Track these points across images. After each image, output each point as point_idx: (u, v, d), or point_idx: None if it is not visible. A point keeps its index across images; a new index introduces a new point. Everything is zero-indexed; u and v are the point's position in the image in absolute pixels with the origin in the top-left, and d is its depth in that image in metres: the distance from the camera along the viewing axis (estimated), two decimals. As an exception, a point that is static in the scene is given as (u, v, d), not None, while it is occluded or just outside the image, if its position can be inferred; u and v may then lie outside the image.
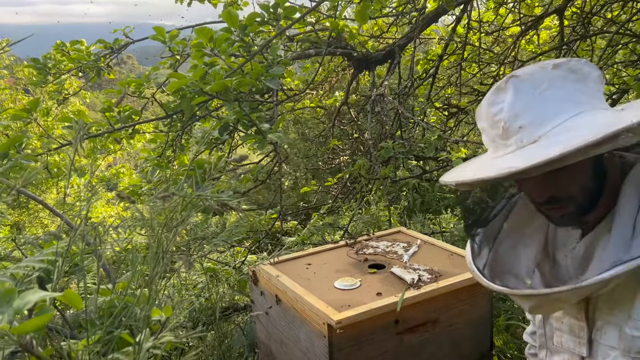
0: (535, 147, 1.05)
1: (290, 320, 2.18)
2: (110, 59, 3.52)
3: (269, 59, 2.66)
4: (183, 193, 1.24)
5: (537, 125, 1.08)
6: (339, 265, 2.44)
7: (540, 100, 1.10)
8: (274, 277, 2.27)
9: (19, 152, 2.39)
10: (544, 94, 1.10)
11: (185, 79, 2.53)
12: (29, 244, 2.26)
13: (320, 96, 5.17)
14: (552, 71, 1.12)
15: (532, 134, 1.08)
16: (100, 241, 1.34)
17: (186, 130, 3.28)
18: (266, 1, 2.83)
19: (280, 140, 2.46)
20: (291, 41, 3.82)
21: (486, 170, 1.10)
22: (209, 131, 2.35)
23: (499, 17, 4.95)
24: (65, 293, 1.18)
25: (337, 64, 5.01)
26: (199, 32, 2.60)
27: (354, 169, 3.52)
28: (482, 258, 1.33)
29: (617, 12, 4.38)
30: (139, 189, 3.54)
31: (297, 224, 4.49)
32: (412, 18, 4.33)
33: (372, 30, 5.01)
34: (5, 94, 10.03)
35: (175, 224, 1.28)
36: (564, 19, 4.21)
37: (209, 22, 3.61)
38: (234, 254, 4.14)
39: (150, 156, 3.41)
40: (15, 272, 1.43)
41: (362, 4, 2.83)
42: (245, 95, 2.59)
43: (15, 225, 8.00)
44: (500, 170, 1.04)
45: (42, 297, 0.99)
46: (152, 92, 3.19)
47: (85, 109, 9.19)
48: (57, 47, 3.46)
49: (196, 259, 3.53)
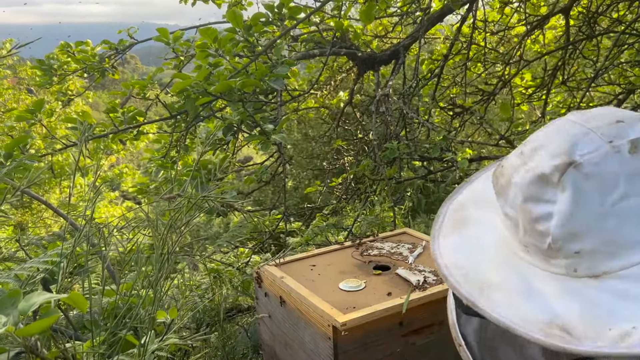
0: (596, 291, 0.70)
1: (295, 322, 2.17)
2: (115, 60, 3.52)
3: (273, 59, 2.66)
4: (188, 194, 1.23)
5: (604, 255, 0.71)
6: (343, 266, 2.43)
7: (613, 216, 0.70)
8: (278, 278, 2.26)
9: (23, 152, 2.38)
10: (620, 205, 0.70)
11: (189, 79, 2.52)
12: (32, 244, 2.26)
13: (324, 96, 5.16)
14: (632, 158, 0.70)
15: (594, 265, 0.71)
16: (104, 242, 1.34)
17: (190, 130, 3.27)
18: (271, 1, 2.82)
19: (284, 141, 2.46)
20: (295, 41, 3.81)
21: (516, 300, 0.74)
22: (213, 132, 2.34)
23: (504, 17, 4.93)
24: (70, 295, 1.17)
25: (342, 63, 5.00)
26: (203, 33, 2.60)
27: (359, 170, 3.51)
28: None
29: (623, 12, 4.36)
30: (146, 187, 3.54)
31: (301, 224, 4.48)
32: (417, 18, 4.32)
33: (376, 30, 4.99)
34: (9, 94, 10.05)
35: (180, 224, 1.27)
36: (569, 18, 4.19)
37: (213, 22, 3.61)
38: (238, 254, 4.13)
39: (154, 156, 3.40)
40: (19, 273, 1.42)
41: (367, 4, 2.82)
42: (249, 96, 2.58)
43: (19, 225, 8.01)
44: (532, 318, 0.71)
45: (46, 299, 0.99)
46: (156, 93, 3.19)
47: (89, 109, 9.21)
48: (62, 48, 3.46)
49: (200, 260, 3.52)
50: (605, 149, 0.70)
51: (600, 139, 0.71)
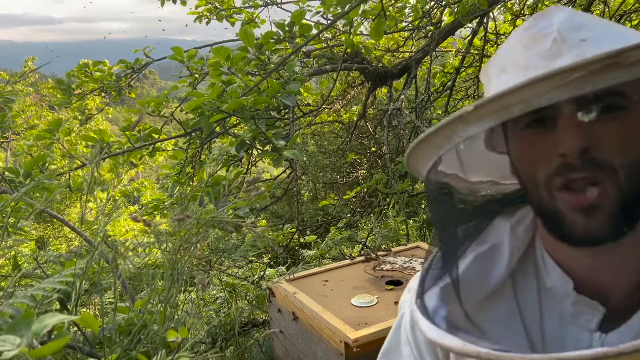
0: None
1: (308, 338, 2.18)
2: (131, 79, 3.60)
3: (285, 76, 2.69)
4: (198, 215, 1.26)
5: (607, 40, 0.70)
6: (356, 281, 2.44)
7: (607, 23, 0.76)
8: (291, 294, 2.28)
9: (42, 171, 2.44)
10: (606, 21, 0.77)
11: (203, 97, 2.57)
12: (50, 261, 2.31)
13: (337, 110, 5.19)
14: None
15: (601, 47, 0.65)
16: (119, 260, 1.37)
17: (205, 147, 3.32)
18: (282, 19, 2.87)
19: (296, 157, 2.48)
20: (308, 57, 3.86)
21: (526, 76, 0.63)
22: (225, 149, 2.38)
23: (516, 29, 4.93)
24: (82, 316, 1.20)
25: (354, 78, 5.03)
26: (216, 52, 2.65)
27: (371, 183, 3.52)
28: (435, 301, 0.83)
29: (636, 22, 4.33)
30: (162, 203, 3.59)
31: (315, 238, 4.49)
32: (428, 32, 4.34)
33: (388, 45, 5.02)
34: (31, 110, 10.25)
35: (191, 244, 1.30)
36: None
37: (227, 40, 3.67)
38: (252, 268, 4.16)
39: (171, 173, 3.46)
40: (35, 293, 1.46)
41: (377, 20, 2.85)
42: (261, 113, 2.62)
43: (40, 239, 8.15)
44: (549, 68, 0.60)
45: (60, 320, 1.02)
46: (171, 110, 3.25)
47: (107, 125, 9.35)
48: (80, 67, 3.55)
49: (214, 275, 3.55)
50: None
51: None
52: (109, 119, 10.15)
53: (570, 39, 0.71)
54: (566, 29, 0.72)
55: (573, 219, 0.72)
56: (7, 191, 2.11)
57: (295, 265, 3.57)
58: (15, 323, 1.02)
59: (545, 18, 0.75)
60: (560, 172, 0.71)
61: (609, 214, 0.70)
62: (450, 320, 0.78)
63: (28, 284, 2.10)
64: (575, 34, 0.71)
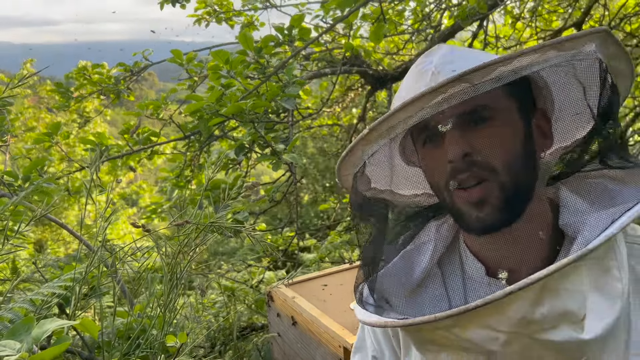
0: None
1: (307, 342, 2.18)
2: (129, 82, 3.59)
3: (285, 79, 2.69)
4: (197, 220, 1.25)
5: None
6: (355, 285, 2.43)
7: (476, 54, 0.95)
8: (289, 298, 2.28)
9: (41, 175, 2.44)
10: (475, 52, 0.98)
11: (202, 101, 2.57)
12: (49, 265, 2.30)
13: (337, 113, 5.19)
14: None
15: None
16: (118, 265, 1.36)
17: (204, 150, 3.31)
18: (281, 23, 2.87)
19: (295, 161, 2.48)
20: (307, 60, 3.86)
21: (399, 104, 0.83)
22: (225, 152, 2.37)
23: (516, 32, 4.94)
24: (81, 321, 1.20)
25: (354, 81, 5.03)
26: (215, 55, 2.64)
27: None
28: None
29: (636, 26, 4.34)
30: (161, 207, 3.59)
31: (315, 242, 4.49)
32: (428, 35, 4.34)
33: (388, 47, 5.03)
34: (29, 112, 10.24)
35: (189, 250, 1.30)
36: (581, 33, 4.18)
37: (226, 43, 3.66)
38: (251, 272, 4.15)
39: (169, 176, 3.45)
40: (34, 298, 1.46)
41: (377, 24, 2.85)
42: (260, 116, 2.62)
43: (38, 242, 8.14)
44: (416, 91, 0.81)
45: (59, 325, 1.01)
46: (170, 113, 3.25)
47: (106, 127, 9.34)
48: (79, 70, 3.54)
49: (213, 279, 3.54)
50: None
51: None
52: (107, 120, 10.14)
53: (444, 71, 0.89)
54: (441, 64, 0.90)
55: (468, 212, 0.89)
56: (6, 195, 2.10)
57: (295, 269, 3.57)
58: (15, 328, 1.02)
59: (429, 56, 0.94)
60: (452, 175, 0.88)
61: (494, 206, 0.86)
62: (378, 305, 0.94)
63: (27, 288, 2.10)
64: (448, 66, 0.89)
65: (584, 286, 0.76)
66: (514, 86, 0.87)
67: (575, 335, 0.74)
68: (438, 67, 0.90)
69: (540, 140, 0.94)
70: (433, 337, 0.82)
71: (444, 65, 0.90)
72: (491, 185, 0.86)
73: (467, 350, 0.81)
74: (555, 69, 0.87)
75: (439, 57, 0.93)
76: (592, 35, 0.81)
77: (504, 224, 0.88)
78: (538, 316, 0.74)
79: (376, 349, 1.14)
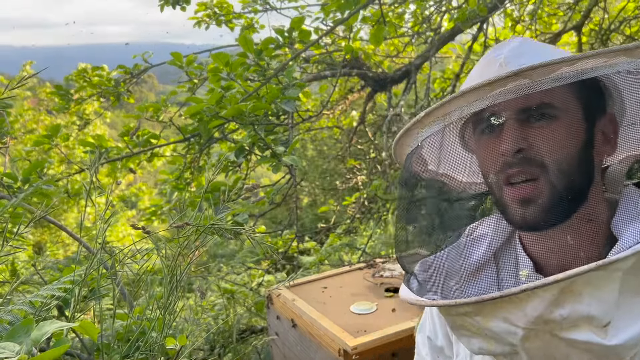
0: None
1: (307, 345, 2.17)
2: (129, 84, 3.59)
3: (284, 81, 2.69)
4: (197, 223, 1.25)
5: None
6: (355, 288, 2.43)
7: (548, 50, 0.96)
8: (289, 301, 2.27)
9: (41, 177, 2.43)
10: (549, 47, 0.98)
11: (202, 103, 2.57)
12: (48, 267, 2.30)
13: (336, 116, 5.19)
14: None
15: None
16: (117, 267, 1.36)
17: (204, 152, 3.31)
18: (281, 25, 2.87)
19: (295, 163, 2.48)
20: (307, 62, 3.86)
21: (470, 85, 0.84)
22: (225, 155, 2.37)
23: (516, 34, 4.94)
24: (81, 323, 1.19)
25: (354, 83, 5.03)
26: (215, 57, 2.64)
27: (370, 190, 3.52)
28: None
29: (635, 29, 4.34)
30: (160, 209, 3.59)
31: (315, 244, 4.48)
32: (428, 38, 4.35)
33: (388, 50, 5.03)
34: (29, 114, 10.23)
35: (189, 252, 1.29)
36: (582, 35, 4.18)
37: (226, 45, 3.67)
38: (251, 275, 4.14)
39: (169, 178, 3.45)
40: (34, 300, 1.45)
41: (377, 26, 2.85)
42: (260, 118, 2.62)
43: (37, 244, 8.12)
44: (487, 76, 0.81)
45: (59, 327, 1.01)
46: (170, 116, 3.25)
47: (105, 130, 9.33)
48: (79, 72, 3.54)
49: (214, 282, 3.54)
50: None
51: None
52: (107, 123, 10.14)
53: (512, 63, 0.89)
54: (510, 56, 0.91)
55: (513, 208, 0.89)
56: (5, 197, 2.10)
57: (294, 272, 3.56)
58: (14, 330, 1.01)
59: (499, 49, 0.95)
60: (502, 169, 0.88)
61: (540, 206, 0.86)
62: (424, 286, 0.98)
63: (26, 290, 2.09)
64: (517, 59, 0.89)
65: (614, 293, 0.74)
66: (582, 87, 0.86)
67: (597, 339, 0.73)
68: (507, 58, 0.91)
69: (602, 146, 0.92)
70: (462, 322, 0.83)
71: (513, 58, 0.90)
72: (540, 185, 0.86)
73: (490, 340, 0.82)
74: (623, 75, 0.85)
75: (509, 49, 0.93)
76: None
77: (548, 225, 0.88)
78: (557, 317, 0.74)
79: (431, 330, 1.18)
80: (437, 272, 1.01)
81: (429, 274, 1.00)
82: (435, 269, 1.01)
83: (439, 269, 1.01)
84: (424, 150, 1.00)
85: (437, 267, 1.01)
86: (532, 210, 0.87)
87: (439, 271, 1.01)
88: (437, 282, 1.00)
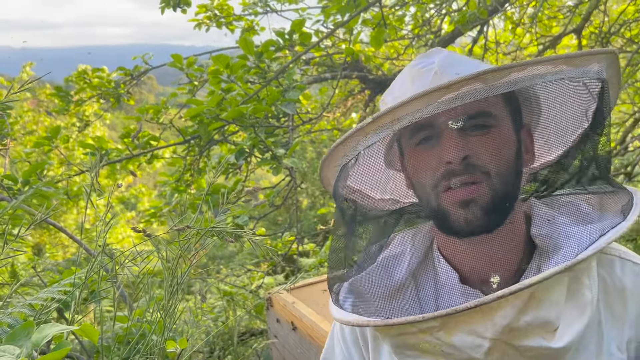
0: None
1: (307, 348, 2.17)
2: (129, 86, 3.59)
3: (285, 83, 2.69)
4: (198, 226, 1.25)
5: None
6: (355, 290, 2.42)
7: (476, 62, 0.99)
8: (289, 303, 2.27)
9: (40, 179, 2.44)
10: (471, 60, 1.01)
11: (202, 105, 2.57)
12: (48, 269, 2.30)
13: (337, 118, 5.19)
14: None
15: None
16: (117, 269, 1.36)
17: (204, 154, 3.31)
18: (282, 27, 2.87)
19: (296, 166, 2.48)
20: (307, 64, 3.86)
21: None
22: (226, 157, 2.37)
23: (516, 37, 4.95)
24: (81, 326, 1.19)
25: (354, 85, 5.03)
26: (215, 60, 2.65)
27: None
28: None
29: (635, 32, 4.35)
30: (160, 211, 3.58)
31: (314, 246, 4.48)
32: (429, 40, 4.35)
33: (388, 53, 5.03)
34: (29, 116, 10.22)
35: (190, 253, 1.29)
36: (582, 38, 4.19)
37: (226, 47, 3.67)
38: (251, 277, 4.14)
39: (169, 180, 3.45)
40: (34, 302, 1.45)
41: (377, 29, 2.86)
42: (261, 121, 2.62)
43: (37, 246, 8.11)
44: (429, 86, 0.81)
45: (59, 330, 1.00)
46: (170, 118, 3.25)
47: (105, 131, 9.33)
48: (79, 74, 3.54)
49: (214, 284, 3.53)
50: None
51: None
52: (107, 124, 10.13)
53: (447, 73, 0.90)
54: (444, 66, 0.91)
55: (455, 212, 0.88)
56: (5, 199, 2.10)
57: (294, 274, 3.56)
58: (14, 333, 1.01)
59: (428, 57, 0.95)
60: (445, 177, 0.88)
61: (482, 207, 0.86)
62: (355, 305, 0.95)
63: (26, 292, 2.09)
64: (451, 69, 0.90)
65: (563, 297, 0.77)
66: (511, 98, 0.90)
67: (546, 343, 0.75)
68: (441, 68, 0.91)
69: (525, 154, 0.96)
70: (415, 341, 0.81)
71: (446, 68, 0.91)
72: (482, 187, 0.87)
73: (448, 357, 0.81)
74: (554, 84, 0.87)
75: (441, 58, 0.93)
76: (602, 55, 0.83)
77: (488, 228, 0.88)
78: (522, 324, 0.74)
79: (345, 356, 1.11)
80: (369, 290, 0.99)
81: (362, 293, 0.99)
82: (367, 287, 1.00)
83: (370, 286, 1.00)
84: (350, 164, 0.96)
85: (368, 285, 1.00)
86: (474, 210, 0.87)
87: (370, 289, 1.00)
88: (371, 300, 0.98)
